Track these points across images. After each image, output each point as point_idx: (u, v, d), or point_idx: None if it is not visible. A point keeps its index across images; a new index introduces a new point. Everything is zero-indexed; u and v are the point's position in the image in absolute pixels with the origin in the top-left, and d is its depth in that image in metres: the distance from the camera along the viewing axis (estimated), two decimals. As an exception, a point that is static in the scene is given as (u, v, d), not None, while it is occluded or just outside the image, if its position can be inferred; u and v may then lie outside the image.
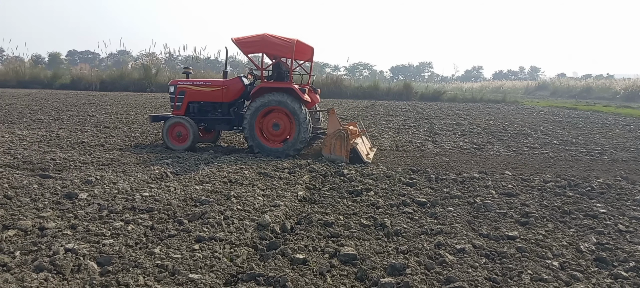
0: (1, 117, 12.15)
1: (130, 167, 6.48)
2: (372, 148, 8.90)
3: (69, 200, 4.70)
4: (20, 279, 2.97)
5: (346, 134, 7.52)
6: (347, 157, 7.54)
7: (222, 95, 8.65)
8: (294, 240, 3.92)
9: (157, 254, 3.47)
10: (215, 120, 8.80)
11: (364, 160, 7.54)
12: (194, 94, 8.73)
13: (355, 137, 8.01)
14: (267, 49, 8.37)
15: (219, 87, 8.67)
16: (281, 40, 8.13)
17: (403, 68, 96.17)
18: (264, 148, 8.04)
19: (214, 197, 5.09)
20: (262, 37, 8.12)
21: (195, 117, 8.70)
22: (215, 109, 8.81)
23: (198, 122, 8.74)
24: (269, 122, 8.17)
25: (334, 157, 7.55)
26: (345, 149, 7.53)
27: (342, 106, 21.15)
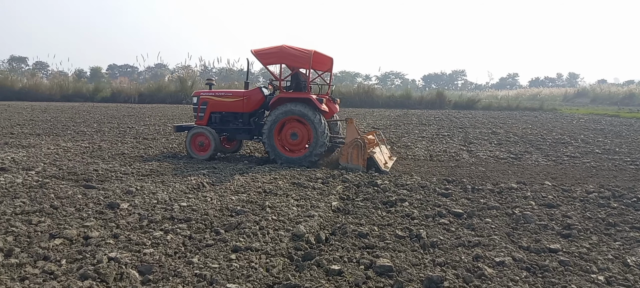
0: (47, 130, 12.72)
1: (169, 177, 6.65)
2: (392, 157, 8.87)
3: (111, 210, 4.86)
4: (67, 287, 3.09)
5: (363, 143, 7.58)
6: (364, 166, 7.58)
7: (242, 105, 8.86)
8: (329, 251, 3.93)
9: (195, 264, 3.54)
10: (236, 129, 9.01)
11: (382, 169, 7.53)
12: (215, 105, 8.98)
13: (373, 146, 8.05)
14: (285, 60, 8.46)
15: (240, 98, 8.90)
16: (299, 51, 8.24)
17: (435, 76, 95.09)
18: (283, 157, 8.15)
19: (249, 207, 5.16)
20: (280, 49, 8.27)
21: (217, 127, 8.92)
22: (236, 119, 9.03)
23: (220, 132, 8.92)
24: (287, 131, 8.30)
25: (351, 165, 7.62)
26: (363, 158, 7.58)
27: (374, 116, 21.08)
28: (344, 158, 7.72)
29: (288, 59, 8.39)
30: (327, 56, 9.05)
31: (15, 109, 20.46)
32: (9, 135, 11.27)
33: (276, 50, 8.31)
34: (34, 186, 5.81)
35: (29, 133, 11.92)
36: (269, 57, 8.44)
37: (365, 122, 17.69)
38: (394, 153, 9.53)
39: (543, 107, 31.12)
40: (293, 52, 8.24)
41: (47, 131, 12.44)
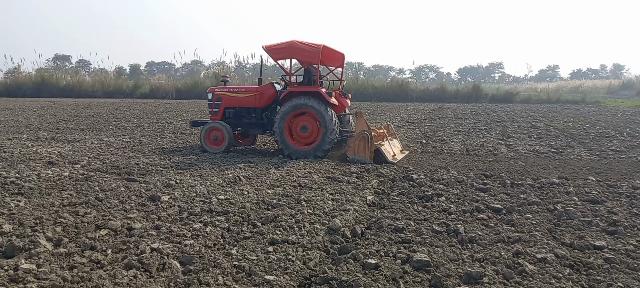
0: (90, 125, 13.22)
1: (206, 171, 6.80)
2: (403, 151, 8.91)
3: (152, 203, 5.02)
4: (113, 276, 3.21)
5: (370, 136, 7.71)
6: (371, 158, 7.72)
7: (255, 100, 9.11)
8: (365, 244, 3.92)
9: (234, 255, 3.61)
10: (249, 124, 9.27)
11: (389, 161, 7.68)
12: (229, 100, 9.27)
13: (381, 138, 8.18)
14: (295, 55, 8.63)
15: (252, 93, 9.15)
16: (308, 46, 8.40)
17: (471, 69, 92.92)
18: (293, 150, 8.32)
19: (285, 201, 5.22)
20: (291, 44, 8.45)
21: (231, 122, 9.18)
22: (249, 114, 9.27)
23: (234, 127, 9.18)
24: (297, 124, 8.48)
25: (358, 158, 7.77)
26: (369, 150, 7.73)
27: (408, 110, 20.84)
28: (351, 150, 7.88)
29: (298, 54, 8.58)
30: (339, 52, 9.19)
31: (60, 105, 21.35)
32: (55, 130, 11.79)
33: (286, 46, 8.49)
34: (79, 179, 6.06)
35: (74, 128, 12.42)
36: (279, 52, 8.65)
37: (399, 116, 17.52)
38: (406, 147, 9.47)
39: (585, 100, 29.91)
40: (303, 47, 8.41)
41: (91, 126, 12.93)
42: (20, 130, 11.83)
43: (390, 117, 16.83)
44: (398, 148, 8.78)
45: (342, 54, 9.30)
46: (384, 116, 17.31)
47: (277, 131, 8.37)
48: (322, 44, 8.41)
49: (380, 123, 14.55)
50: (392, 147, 8.33)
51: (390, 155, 7.94)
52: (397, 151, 8.58)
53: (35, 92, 31.20)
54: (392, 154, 8.08)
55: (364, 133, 7.76)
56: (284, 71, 9.08)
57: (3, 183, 5.70)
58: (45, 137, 10.44)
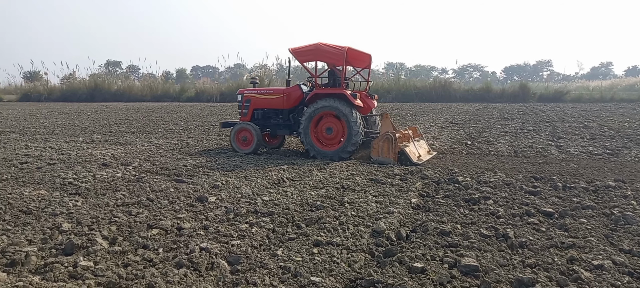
0: (140, 128, 13.76)
1: (251, 172, 6.92)
2: (430, 152, 8.88)
3: (200, 203, 5.16)
4: (164, 274, 3.33)
5: (394, 137, 7.73)
6: (395, 159, 7.74)
7: (282, 102, 9.27)
8: (411, 248, 3.87)
9: (279, 256, 3.66)
10: (277, 125, 9.45)
11: (413, 162, 7.67)
12: (258, 102, 9.48)
13: (406, 140, 8.19)
14: (321, 57, 8.78)
15: (280, 95, 9.31)
16: (333, 48, 8.49)
17: (518, 68, 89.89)
18: (318, 151, 8.45)
19: (328, 203, 5.23)
20: (316, 46, 8.56)
21: (260, 123, 9.42)
22: (277, 115, 9.46)
23: (262, 128, 9.41)
24: (323, 126, 8.59)
25: (382, 159, 7.80)
26: (393, 152, 7.75)
27: (452, 110, 20.41)
28: (375, 152, 7.91)
29: (323, 56, 8.71)
30: (366, 53, 9.25)
31: (112, 110, 22.33)
32: (108, 133, 12.34)
33: (312, 48, 8.61)
34: (131, 180, 6.32)
35: (125, 131, 12.96)
36: (305, 54, 8.76)
37: (442, 117, 17.20)
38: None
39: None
40: (328, 50, 8.50)
41: (141, 129, 13.45)
42: (76, 133, 12.46)
43: (433, 118, 16.55)
44: (425, 150, 8.77)
45: (369, 55, 9.35)
46: (426, 117, 17.04)
47: (302, 132, 8.52)
48: (347, 46, 8.48)
49: (422, 124, 14.34)
50: (417, 149, 8.31)
51: (415, 157, 7.90)
52: (424, 152, 8.54)
53: (89, 97, 32.79)
54: (418, 155, 8.05)
55: (388, 134, 7.80)
56: (310, 73, 9.16)
57: (62, 184, 6.03)
58: (99, 140, 10.95)
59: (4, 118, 16.86)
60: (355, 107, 8.35)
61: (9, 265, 3.45)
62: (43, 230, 4.19)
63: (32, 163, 7.53)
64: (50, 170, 6.93)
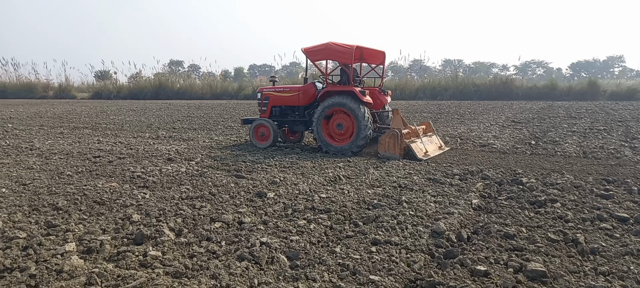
0: (201, 125, 14.28)
1: (308, 170, 7.00)
2: (442, 147, 9.10)
3: (259, 199, 5.29)
4: (227, 266, 3.44)
5: (400, 133, 7.96)
6: (401, 155, 7.97)
7: (298, 99, 9.65)
8: (472, 250, 3.76)
9: (338, 253, 3.68)
10: (293, 121, 9.85)
11: (419, 158, 7.89)
12: (276, 99, 9.91)
13: (414, 135, 8.49)
14: (331, 56, 9.10)
15: (296, 93, 9.71)
16: (343, 47, 8.73)
17: (586, 64, 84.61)
18: (329, 146, 8.74)
19: (385, 201, 5.19)
20: (327, 46, 8.85)
21: (278, 120, 9.90)
22: (293, 112, 9.85)
23: (280, 124, 9.94)
24: (334, 122, 8.86)
25: (389, 154, 8.03)
26: (399, 147, 7.97)
27: (513, 108, 19.56)
28: (382, 147, 8.15)
29: (333, 55, 9.00)
30: (379, 50, 9.59)
31: (175, 107, 23.32)
32: (172, 130, 12.91)
33: (323, 48, 8.92)
34: (195, 174, 6.58)
35: (188, 128, 13.51)
36: (316, 54, 9.07)
37: (503, 115, 16.54)
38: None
39: None
40: (337, 49, 8.77)
41: (202, 126, 13.96)
42: (142, 129, 13.13)
43: (494, 116, 15.96)
44: (436, 145, 9.00)
45: (383, 52, 9.66)
46: (486, 115, 16.46)
47: (314, 128, 8.84)
48: (355, 44, 8.73)
49: (481, 122, 13.86)
50: (425, 145, 8.50)
51: (421, 153, 8.14)
52: (434, 148, 8.77)
53: (153, 95, 34.42)
54: (424, 151, 8.26)
55: (394, 131, 8.04)
56: (321, 71, 9.48)
57: (131, 177, 6.38)
58: (164, 136, 11.48)
59: (78, 114, 18.07)
60: (364, 103, 8.58)
61: (85, 252, 3.69)
62: (115, 220, 4.46)
63: (104, 157, 8.03)
64: (121, 164, 7.35)
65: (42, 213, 4.72)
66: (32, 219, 4.51)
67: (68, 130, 12.72)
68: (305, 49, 9.09)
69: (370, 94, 9.00)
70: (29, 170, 6.91)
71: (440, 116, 16.42)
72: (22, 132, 12.18)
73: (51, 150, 8.97)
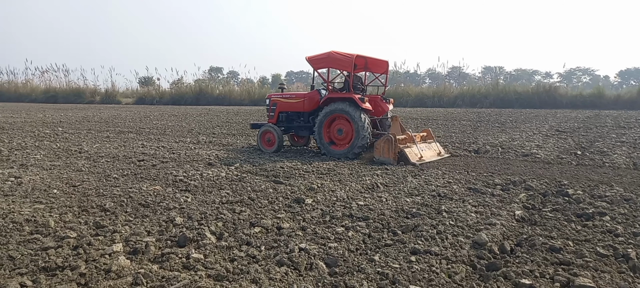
0: (240, 130, 14.53)
1: (345, 177, 7.00)
2: (441, 154, 9.24)
3: (297, 204, 5.33)
4: (267, 271, 3.48)
5: (394, 139, 8.23)
6: (395, 160, 8.23)
7: (303, 105, 10.05)
8: (516, 263, 3.65)
9: (376, 261, 3.65)
10: (299, 127, 10.28)
11: (411, 162, 8.13)
12: (283, 106, 10.32)
13: (410, 141, 8.81)
14: (332, 64, 9.44)
15: (301, 99, 10.13)
16: (343, 55, 9.13)
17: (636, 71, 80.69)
18: (330, 151, 9.16)
19: (424, 210, 5.12)
20: (329, 55, 9.26)
21: (284, 125, 10.34)
22: (299, 118, 10.27)
23: (287, 130, 10.39)
24: (335, 127, 9.27)
25: (383, 159, 8.30)
26: (393, 152, 8.24)
27: (557, 118, 18.90)
28: (378, 152, 8.40)
29: (335, 63, 9.37)
30: (383, 60, 10.01)
31: (214, 113, 23.85)
32: (211, 135, 13.21)
33: (325, 56, 9.33)
34: (234, 179, 6.70)
35: (227, 133, 13.78)
36: (318, 62, 9.50)
37: (546, 124, 16.01)
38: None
39: None
40: (338, 57, 9.17)
41: (240, 131, 14.21)
42: (183, 134, 13.50)
43: (537, 125, 15.47)
44: (434, 152, 9.21)
45: (386, 62, 10.08)
46: (528, 124, 15.98)
47: (316, 133, 9.26)
48: (355, 53, 9.15)
49: (524, 131, 13.46)
50: (421, 150, 8.72)
51: (415, 158, 8.38)
52: (431, 154, 9.00)
53: (194, 101, 35.31)
54: (419, 157, 8.49)
55: (388, 136, 8.32)
56: (323, 79, 9.89)
57: (174, 181, 6.57)
58: (204, 141, 11.76)
59: (123, 119, 18.77)
60: (363, 110, 8.93)
61: (131, 253, 3.83)
62: (159, 223, 4.60)
63: (148, 161, 8.30)
64: (164, 168, 7.59)
65: (91, 214, 4.93)
66: (82, 220, 4.71)
67: (114, 134, 13.23)
68: (309, 57, 9.49)
69: (372, 102, 9.51)
70: (78, 173, 7.24)
71: (480, 124, 16.06)
72: (72, 135, 12.77)
73: (98, 153, 9.36)
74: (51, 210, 5.03)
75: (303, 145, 10.97)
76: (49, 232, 4.30)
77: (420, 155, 8.56)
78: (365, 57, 9.75)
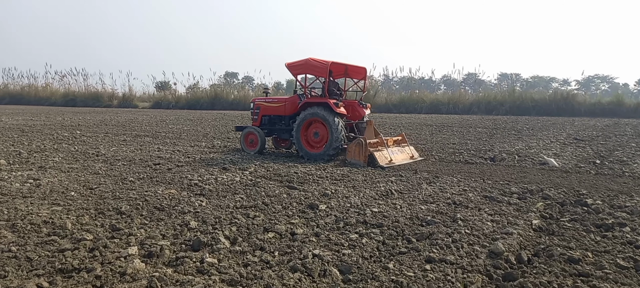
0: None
1: (359, 183, 6.97)
2: (414, 157, 9.63)
3: (311, 210, 5.32)
4: (281, 276, 3.47)
5: (364, 142, 8.67)
6: (365, 162, 8.65)
7: (284, 110, 10.56)
8: (534, 273, 3.59)
9: (391, 269, 3.62)
10: (280, 130, 10.75)
11: (379, 165, 8.46)
12: (265, 109, 10.86)
13: (381, 145, 9.09)
14: (309, 71, 9.94)
15: (282, 103, 10.65)
16: (319, 62, 9.67)
17: (657, 79, 79.06)
18: (307, 153, 9.59)
19: (439, 218, 5.07)
20: (305, 61, 9.78)
21: (267, 128, 10.82)
22: (280, 121, 10.75)
23: (270, 132, 10.90)
24: (311, 131, 9.71)
25: (354, 161, 8.79)
26: (363, 155, 8.68)
27: (575, 126, 18.60)
28: (350, 154, 8.93)
29: (311, 70, 9.87)
30: (361, 67, 10.65)
31: (229, 117, 24.00)
32: (226, 139, 13.28)
33: (302, 63, 9.84)
34: (248, 184, 6.72)
35: (241, 138, 13.83)
36: (297, 68, 10.00)
37: (564, 132, 15.77)
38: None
39: None
40: (315, 64, 9.70)
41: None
42: (198, 138, 13.60)
43: (554, 133, 15.24)
44: (407, 155, 9.59)
45: (364, 68, 10.65)
46: (545, 132, 15.75)
47: (294, 136, 9.71)
48: (330, 60, 9.67)
49: (541, 139, 13.27)
50: (392, 154, 9.09)
51: (385, 161, 8.70)
52: (403, 157, 9.38)
53: (209, 105, 35.59)
54: (389, 160, 8.81)
55: (359, 140, 8.80)
56: (300, 84, 10.39)
57: (188, 185, 6.61)
58: (219, 145, 11.83)
59: (140, 123, 19.00)
60: (337, 114, 9.36)
61: (146, 256, 3.85)
62: (174, 226, 4.63)
63: (164, 165, 8.38)
64: (179, 172, 7.65)
65: (107, 216, 4.98)
66: (98, 222, 4.77)
67: (130, 137, 13.40)
68: (288, 64, 10.04)
69: (350, 106, 10.11)
70: (95, 175, 7.33)
71: (496, 131, 15.89)
72: (89, 138, 12.96)
73: (115, 156, 9.47)
74: (68, 212, 5.10)
75: (287, 148, 11.31)
76: (66, 233, 4.36)
77: (390, 158, 8.91)
78: (345, 64, 10.40)
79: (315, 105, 9.59)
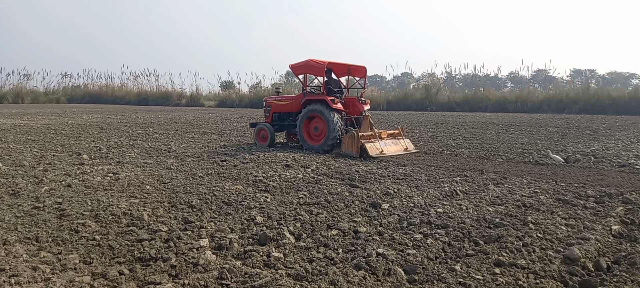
0: (315, 134, 14.76)
1: (422, 182, 6.86)
2: (408, 149, 10.30)
3: (374, 209, 5.31)
4: (345, 273, 3.50)
5: (356, 135, 9.41)
6: (357, 153, 9.37)
7: (291, 107, 11.43)
8: (614, 282, 3.37)
9: (458, 271, 3.54)
10: (289, 125, 11.61)
11: (370, 155, 9.17)
12: (276, 107, 11.81)
13: (374, 137, 9.75)
14: (309, 71, 10.88)
15: (290, 101, 11.52)
16: (317, 63, 10.53)
17: None
18: (308, 146, 10.55)
19: (508, 221, 4.88)
20: (306, 62, 10.66)
21: (278, 124, 11.81)
22: (289, 117, 11.59)
23: (280, 128, 11.87)
24: (312, 125, 10.65)
25: (348, 152, 9.57)
26: (356, 146, 9.39)
27: (661, 125, 17.11)
28: (344, 146, 9.73)
29: (311, 70, 10.78)
30: (362, 66, 11.55)
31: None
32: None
33: (303, 64, 10.72)
34: (311, 181, 6.82)
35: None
36: (298, 69, 10.89)
37: (647, 132, 14.57)
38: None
39: None
40: (313, 64, 10.57)
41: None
42: (261, 136, 13.95)
43: (635, 133, 14.14)
44: (401, 147, 10.25)
45: (365, 67, 11.53)
46: (625, 132, 14.65)
47: (298, 130, 10.66)
48: (327, 60, 10.57)
49: (619, 139, 12.37)
50: (384, 146, 9.72)
51: (376, 151, 9.37)
52: (396, 149, 10.04)
53: (270, 104, 36.44)
54: (380, 151, 9.47)
55: (352, 132, 9.61)
56: (302, 83, 11.25)
57: (254, 181, 6.81)
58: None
59: (206, 121, 19.80)
60: (335, 110, 10.18)
61: (217, 249, 4.03)
62: (241, 221, 4.80)
63: (230, 162, 8.68)
64: (244, 168, 7.90)
65: (180, 210, 5.25)
66: (172, 215, 5.04)
67: (198, 135, 14.00)
68: (291, 65, 10.95)
69: (350, 102, 10.96)
70: (167, 170, 7.74)
71: (568, 131, 15.00)
72: (161, 135, 13.69)
73: (185, 152, 9.95)
74: (144, 204, 5.43)
75: (297, 141, 11.64)
76: (143, 224, 4.65)
77: (381, 149, 9.56)
78: (348, 64, 11.40)
79: (315, 102, 10.49)
